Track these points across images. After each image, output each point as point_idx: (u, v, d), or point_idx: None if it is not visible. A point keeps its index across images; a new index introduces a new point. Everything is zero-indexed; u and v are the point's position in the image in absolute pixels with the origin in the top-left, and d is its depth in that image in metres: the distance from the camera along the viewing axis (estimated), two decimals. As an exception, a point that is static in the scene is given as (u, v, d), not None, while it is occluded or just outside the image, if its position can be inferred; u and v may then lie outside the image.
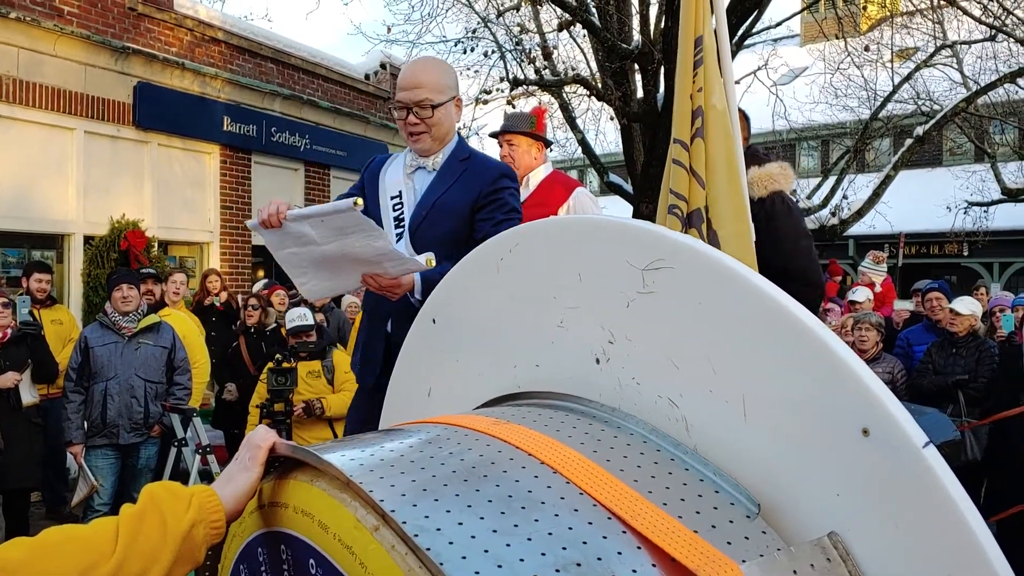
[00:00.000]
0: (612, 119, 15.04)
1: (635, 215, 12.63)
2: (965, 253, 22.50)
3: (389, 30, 14.90)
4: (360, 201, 2.75)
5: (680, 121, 3.61)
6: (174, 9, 11.72)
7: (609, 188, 15.28)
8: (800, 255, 4.02)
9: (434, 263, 2.96)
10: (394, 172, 3.50)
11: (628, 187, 14.28)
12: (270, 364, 6.61)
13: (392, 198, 3.44)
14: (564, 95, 15.71)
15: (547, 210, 4.70)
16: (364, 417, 3.43)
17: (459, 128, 3.72)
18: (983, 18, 15.47)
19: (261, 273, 13.15)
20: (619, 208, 15.65)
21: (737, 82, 13.95)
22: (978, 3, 15.25)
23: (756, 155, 4.26)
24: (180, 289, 8.64)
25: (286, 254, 2.95)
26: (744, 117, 4.35)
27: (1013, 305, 8.47)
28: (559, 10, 12.98)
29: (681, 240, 1.50)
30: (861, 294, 9.15)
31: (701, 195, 3.52)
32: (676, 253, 1.49)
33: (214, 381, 8.65)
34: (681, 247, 1.49)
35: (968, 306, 7.26)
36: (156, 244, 11.03)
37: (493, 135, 5.29)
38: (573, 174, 26.13)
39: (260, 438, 1.52)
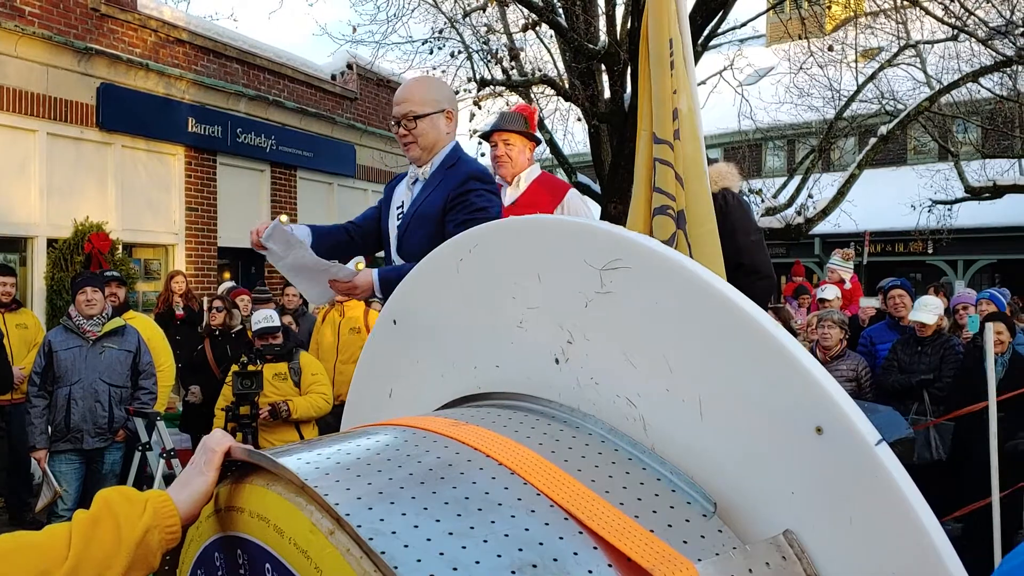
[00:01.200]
0: (580, 120, 15.06)
1: (603, 215, 12.66)
2: (930, 251, 22.73)
3: (355, 30, 14.80)
4: (284, 218, 3.33)
5: (662, 121, 3.61)
6: (137, 10, 11.64)
7: (577, 189, 15.28)
8: (753, 249, 4.14)
9: (363, 266, 3.36)
10: (402, 185, 3.81)
11: (596, 187, 14.31)
12: (235, 367, 6.56)
13: (396, 208, 3.76)
14: (532, 95, 15.71)
15: (538, 211, 4.70)
16: None
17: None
18: (945, 18, 15.63)
19: (227, 275, 13.07)
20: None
21: (703, 83, 14.02)
22: (940, 3, 15.40)
23: None
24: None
25: (279, 266, 3.44)
26: None
27: (977, 300, 8.56)
28: (526, 11, 12.99)
29: (638, 240, 1.50)
30: (830, 292, 9.22)
31: (683, 196, 3.53)
32: (633, 253, 1.49)
33: (180, 385, 8.58)
34: (638, 247, 1.49)
35: (933, 312, 7.29)
36: (120, 247, 10.93)
37: (486, 135, 5.25)
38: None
39: (216, 442, 1.50)
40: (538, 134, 5.59)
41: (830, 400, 1.24)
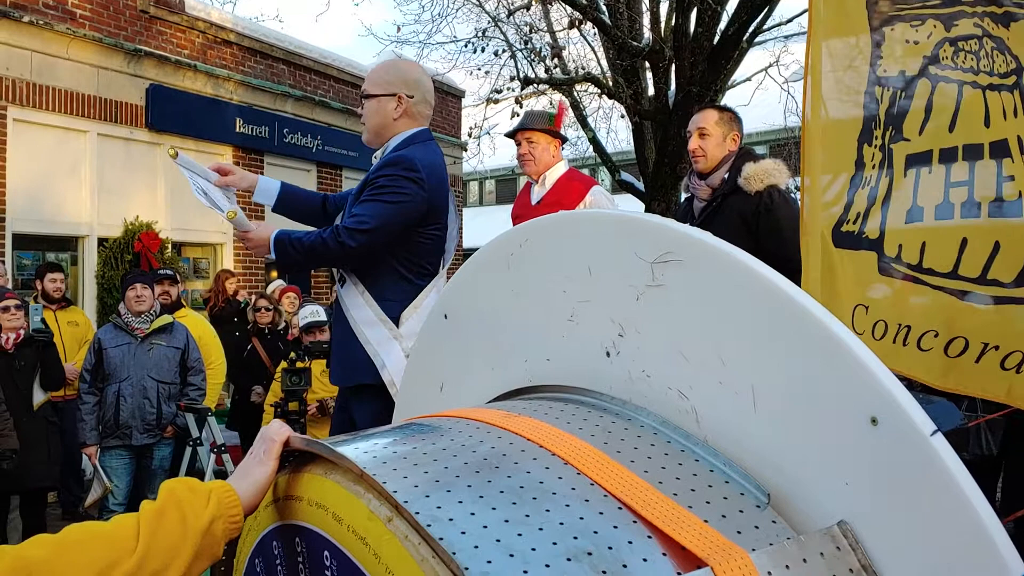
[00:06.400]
0: (623, 117, 15.03)
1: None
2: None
3: (399, 30, 14.93)
4: (172, 149, 3.47)
5: None
6: (186, 12, 11.77)
7: (621, 186, 15.28)
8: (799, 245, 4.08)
9: (236, 215, 3.33)
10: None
11: (640, 185, 14.27)
12: (284, 363, 6.63)
13: None
14: (575, 93, 15.70)
15: (564, 208, 4.71)
16: None
17: (471, 128, 3.84)
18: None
19: (275, 274, 13.18)
20: (631, 206, 15.63)
21: (748, 79, 13.87)
22: None
23: (751, 154, 4.41)
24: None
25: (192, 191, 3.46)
26: (736, 119, 4.44)
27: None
28: (569, 8, 12.99)
29: (688, 232, 1.50)
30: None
31: None
32: (684, 246, 1.50)
33: (230, 382, 8.66)
34: (689, 240, 1.49)
35: None
36: (170, 246, 11.07)
37: (510, 134, 5.28)
38: (585, 172, 26.08)
39: (275, 432, 1.53)
40: (564, 131, 5.57)
41: (885, 391, 1.23)
